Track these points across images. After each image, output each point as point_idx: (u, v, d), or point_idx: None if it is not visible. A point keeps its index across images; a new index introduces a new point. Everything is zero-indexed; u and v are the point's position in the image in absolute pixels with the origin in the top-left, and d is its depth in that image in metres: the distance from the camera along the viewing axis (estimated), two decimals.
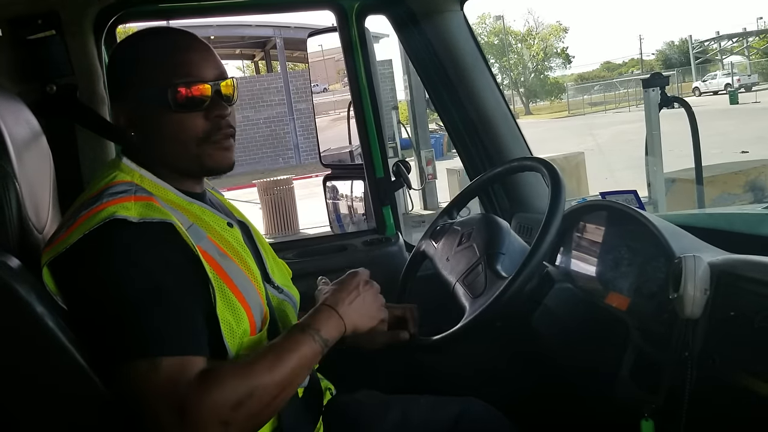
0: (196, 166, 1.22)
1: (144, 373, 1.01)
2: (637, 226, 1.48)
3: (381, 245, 2.15)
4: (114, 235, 1.05)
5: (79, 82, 1.76)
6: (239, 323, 1.14)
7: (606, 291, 1.53)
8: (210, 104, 1.18)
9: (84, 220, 1.07)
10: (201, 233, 1.16)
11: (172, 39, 1.21)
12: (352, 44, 2.06)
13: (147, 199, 1.12)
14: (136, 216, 1.07)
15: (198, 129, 1.18)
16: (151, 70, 1.17)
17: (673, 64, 43.41)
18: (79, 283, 1.07)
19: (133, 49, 1.23)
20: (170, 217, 1.10)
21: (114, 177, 1.17)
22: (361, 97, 2.09)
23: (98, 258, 1.05)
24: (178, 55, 1.18)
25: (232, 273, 1.16)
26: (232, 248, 1.21)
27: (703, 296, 1.22)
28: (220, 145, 1.20)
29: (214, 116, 1.19)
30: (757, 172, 6.35)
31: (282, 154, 21.80)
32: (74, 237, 1.06)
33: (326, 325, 1.19)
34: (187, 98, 1.16)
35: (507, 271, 1.47)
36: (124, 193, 1.12)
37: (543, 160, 1.59)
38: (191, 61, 1.18)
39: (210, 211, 1.24)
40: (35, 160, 1.30)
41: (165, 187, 1.20)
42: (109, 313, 1.04)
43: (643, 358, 1.38)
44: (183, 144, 1.19)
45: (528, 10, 72.47)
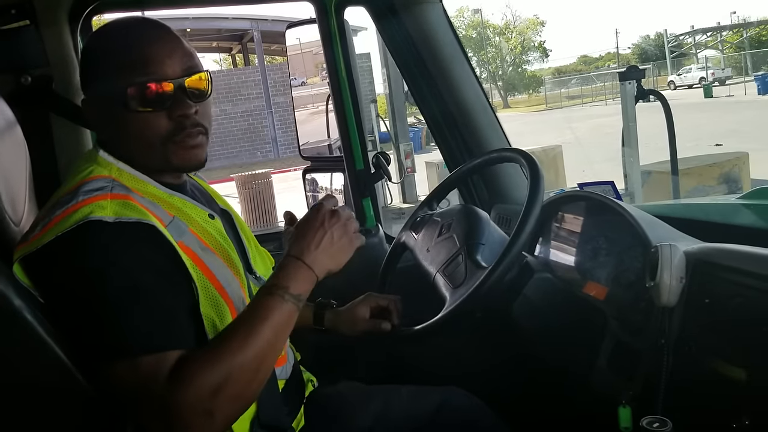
0: (163, 164, 1.17)
1: (123, 374, 1.00)
2: (614, 217, 1.50)
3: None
4: (89, 236, 1.02)
5: (54, 72, 1.73)
6: (222, 319, 1.13)
7: (584, 280, 1.55)
8: (173, 103, 1.13)
9: (59, 220, 1.04)
10: (182, 227, 1.14)
11: (138, 32, 1.15)
12: (332, 36, 2.05)
13: (124, 197, 1.09)
14: (111, 215, 1.04)
15: (161, 128, 1.13)
16: (113, 65, 1.13)
17: (649, 57, 43.83)
18: (54, 282, 1.05)
19: (100, 42, 1.19)
20: (148, 217, 1.07)
21: (90, 171, 1.14)
22: (341, 90, 2.09)
23: (73, 258, 1.03)
24: (141, 50, 1.13)
25: (214, 267, 1.15)
26: (214, 241, 1.19)
27: (679, 284, 1.24)
28: (185, 144, 1.15)
29: (178, 115, 1.13)
30: (731, 165, 6.46)
31: (260, 147, 21.69)
32: (48, 237, 1.03)
33: (294, 279, 1.10)
34: (147, 97, 1.11)
35: (487, 261, 1.48)
36: (100, 190, 1.08)
37: (522, 151, 1.60)
38: (154, 56, 1.13)
39: (191, 203, 1.22)
40: (10, 152, 1.29)
41: (144, 180, 1.17)
42: (86, 313, 1.02)
43: (621, 346, 1.40)
44: (147, 143, 1.14)
45: (506, 3, 72.63)
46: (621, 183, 3.73)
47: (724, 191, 6.10)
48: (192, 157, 1.17)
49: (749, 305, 1.14)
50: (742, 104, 21.65)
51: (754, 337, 1.11)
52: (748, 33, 39.83)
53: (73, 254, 1.03)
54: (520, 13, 66.07)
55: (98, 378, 1.03)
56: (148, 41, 1.14)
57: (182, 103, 1.13)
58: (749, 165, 6.59)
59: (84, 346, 1.03)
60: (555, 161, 9.69)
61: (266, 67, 22.48)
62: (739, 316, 1.15)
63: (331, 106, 2.54)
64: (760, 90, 23.93)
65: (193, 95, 1.15)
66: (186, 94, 1.14)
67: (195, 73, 1.16)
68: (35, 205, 1.40)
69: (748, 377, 1.10)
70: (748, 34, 39.66)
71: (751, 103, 21.59)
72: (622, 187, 3.63)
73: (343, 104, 2.09)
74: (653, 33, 54.00)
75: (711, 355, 1.18)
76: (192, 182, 1.33)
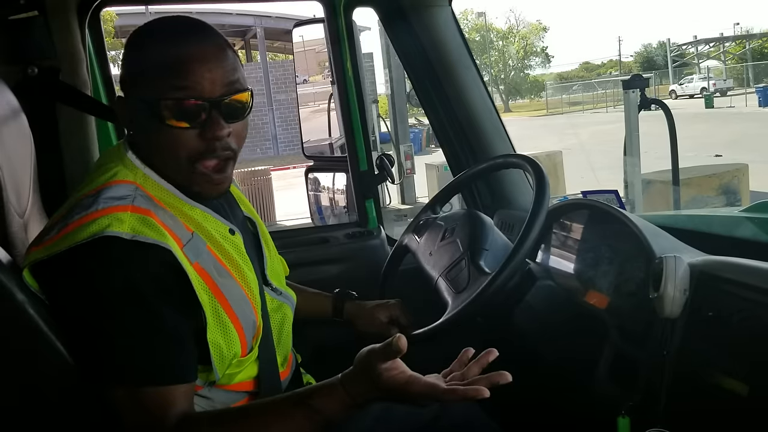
0: (185, 185, 1.13)
1: (123, 401, 1.02)
2: (618, 226, 1.50)
3: (363, 238, 2.15)
4: (104, 253, 1.00)
5: (61, 64, 1.73)
6: (230, 346, 1.12)
7: (585, 289, 1.55)
8: (206, 122, 1.07)
9: (76, 227, 1.02)
10: (200, 246, 1.11)
11: (184, 39, 1.08)
12: (339, 36, 2.05)
13: (145, 213, 1.05)
14: (129, 232, 1.01)
15: (190, 147, 1.08)
16: (151, 73, 1.07)
17: (651, 66, 43.88)
18: (63, 293, 1.04)
19: (142, 44, 1.13)
20: (165, 238, 1.04)
21: (115, 174, 1.11)
22: (347, 90, 2.08)
23: (84, 274, 1.01)
24: (183, 61, 1.06)
25: (228, 290, 1.13)
26: (231, 260, 1.16)
27: (683, 296, 1.24)
28: (209, 176, 1.11)
29: (209, 137, 1.08)
30: (731, 176, 6.46)
31: (260, 144, 21.67)
32: (62, 245, 1.01)
33: (333, 406, 1.06)
34: (179, 113, 1.06)
35: (490, 267, 1.48)
36: (122, 200, 1.05)
37: (528, 158, 1.60)
38: (196, 70, 1.06)
39: (213, 217, 1.18)
40: (16, 143, 1.28)
41: (168, 189, 1.13)
42: (91, 332, 1.02)
43: (621, 355, 1.40)
44: (174, 159, 1.10)
45: (510, 8, 72.62)
46: (621, 191, 3.73)
47: (722, 202, 6.11)
48: (214, 189, 1.14)
49: (753, 319, 1.14)
50: (742, 116, 21.70)
51: (757, 351, 1.11)
52: (751, 45, 39.91)
53: (85, 269, 1.01)
54: (523, 17, 66.07)
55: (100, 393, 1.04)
56: (194, 51, 1.07)
57: (216, 124, 1.08)
58: (749, 177, 6.60)
59: (87, 363, 1.04)
60: (555, 167, 9.70)
61: (268, 64, 22.47)
62: (742, 331, 1.15)
63: (333, 105, 2.55)
64: (761, 102, 23.98)
65: (229, 115, 1.10)
66: (222, 115, 1.09)
67: (235, 93, 1.11)
68: (39, 197, 1.40)
69: (749, 392, 1.10)
70: (751, 46, 39.74)
71: (752, 114, 21.64)
72: (623, 195, 3.63)
73: (349, 105, 2.09)
74: (656, 42, 54.12)
75: (712, 368, 1.18)
76: None
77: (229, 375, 1.15)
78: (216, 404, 1.17)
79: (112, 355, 1.01)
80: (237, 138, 1.13)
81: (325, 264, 2.10)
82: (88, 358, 1.03)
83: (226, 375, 1.14)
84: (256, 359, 1.20)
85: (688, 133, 10.85)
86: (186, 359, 1.06)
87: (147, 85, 1.08)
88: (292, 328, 1.40)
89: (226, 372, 1.14)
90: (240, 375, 1.18)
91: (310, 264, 2.05)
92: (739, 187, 6.39)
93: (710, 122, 18.88)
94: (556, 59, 66.57)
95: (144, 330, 1.01)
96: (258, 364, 1.21)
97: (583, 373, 1.45)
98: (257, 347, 1.19)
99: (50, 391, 1.07)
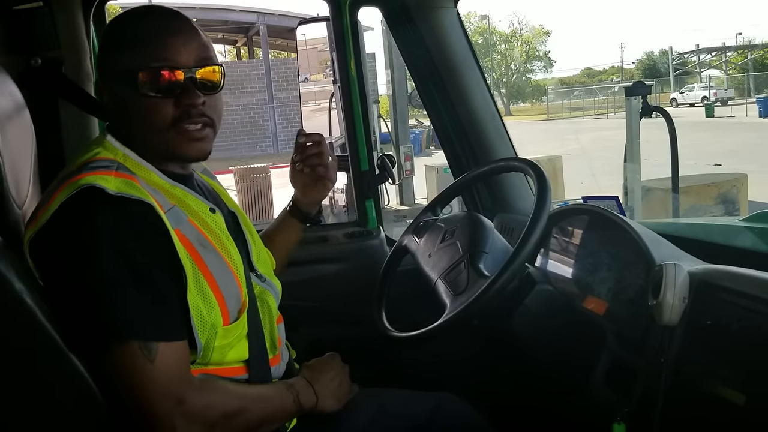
0: (166, 152, 1.18)
1: (135, 357, 1.02)
2: (618, 232, 1.50)
3: (362, 238, 2.15)
4: (91, 204, 1.04)
5: (65, 56, 1.73)
6: (210, 312, 1.13)
7: (584, 294, 1.55)
8: (182, 91, 1.14)
9: (62, 190, 1.06)
10: (182, 216, 1.14)
11: (156, 19, 1.17)
12: (344, 35, 2.04)
13: (128, 177, 1.10)
14: (114, 189, 1.05)
15: (167, 115, 1.14)
16: (129, 51, 1.14)
17: (653, 74, 43.93)
18: (57, 259, 1.05)
19: (118, 28, 1.20)
20: (149, 198, 1.08)
21: (96, 153, 1.15)
22: (350, 90, 2.08)
23: (75, 230, 1.04)
24: (157, 37, 1.14)
25: (210, 261, 1.15)
26: (214, 234, 1.19)
27: (682, 304, 1.24)
28: (189, 135, 1.16)
29: (185, 104, 1.14)
30: (729, 185, 6.47)
31: (260, 141, 21.66)
32: (52, 208, 1.05)
33: (304, 393, 1.28)
34: (157, 84, 1.13)
35: (489, 270, 1.47)
36: (106, 168, 1.10)
37: (530, 162, 1.60)
38: (170, 44, 1.14)
39: (193, 196, 1.21)
40: (17, 133, 1.28)
41: (148, 168, 1.17)
42: (81, 290, 1.03)
43: (618, 362, 1.40)
44: (152, 129, 1.15)
45: (513, 11, 72.58)
46: (621, 197, 3.73)
47: (721, 212, 6.11)
48: (194, 148, 1.18)
49: (751, 329, 1.14)
50: (743, 125, 21.72)
51: (755, 360, 1.12)
52: (753, 55, 39.98)
53: (74, 222, 1.04)
54: (527, 21, 66.06)
55: (101, 363, 1.04)
56: (166, 28, 1.15)
57: (191, 93, 1.14)
58: (747, 187, 6.61)
59: (88, 329, 1.04)
60: (555, 172, 9.71)
61: (270, 61, 22.46)
62: (740, 340, 1.15)
63: (334, 104, 2.55)
64: (762, 112, 23.98)
65: (203, 86, 1.16)
66: (196, 85, 1.15)
67: (208, 65, 1.17)
68: (39, 188, 1.39)
69: (746, 401, 1.10)
70: (753, 56, 39.81)
71: (752, 125, 21.66)
72: (623, 202, 3.63)
73: (352, 104, 2.09)
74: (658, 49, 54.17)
75: (710, 376, 1.18)
76: (200, 179, 1.33)
77: (219, 349, 1.16)
78: None
79: (102, 311, 1.03)
80: (212, 109, 1.19)
81: (323, 263, 2.09)
82: (90, 322, 1.04)
83: (216, 349, 1.15)
84: (245, 337, 1.22)
85: (688, 142, 10.89)
86: (171, 318, 1.08)
87: (123, 60, 1.14)
88: (289, 324, 1.41)
89: (213, 344, 1.14)
90: (230, 354, 1.19)
91: (308, 262, 2.05)
92: (738, 197, 6.40)
93: (710, 131, 18.90)
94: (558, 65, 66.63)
95: (131, 284, 1.03)
96: (248, 345, 1.22)
97: (580, 378, 1.45)
98: (246, 322, 1.21)
99: (47, 381, 1.06)
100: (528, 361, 1.63)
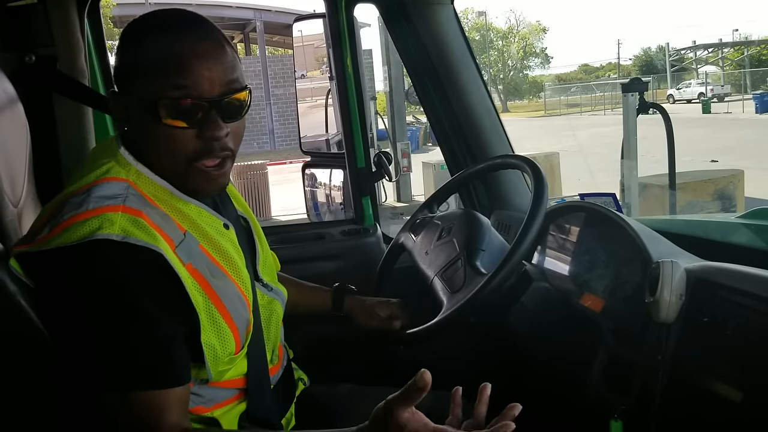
0: (182, 183, 1.12)
1: (114, 406, 1.00)
2: (615, 229, 1.50)
3: (359, 235, 2.14)
4: (94, 255, 0.99)
5: (59, 53, 1.72)
6: (225, 346, 1.11)
7: (581, 292, 1.55)
8: (204, 121, 1.06)
9: (66, 226, 1.00)
10: (193, 247, 1.09)
11: (180, 37, 1.06)
12: (340, 32, 2.03)
13: (136, 214, 1.03)
14: (119, 234, 1.00)
15: (188, 147, 1.07)
16: (148, 70, 1.06)
17: (650, 70, 43.94)
18: (53, 293, 1.03)
19: (138, 38, 1.10)
20: (157, 241, 1.03)
21: (108, 170, 1.08)
22: (347, 86, 2.07)
23: (75, 276, 1.00)
24: (180, 60, 1.04)
25: (221, 291, 1.12)
26: (225, 255, 1.15)
27: (679, 301, 1.24)
28: (208, 174, 1.09)
29: (207, 136, 1.07)
30: (726, 182, 6.49)
31: (257, 138, 21.64)
32: (53, 243, 1.00)
33: None
34: (177, 112, 1.04)
35: (486, 267, 1.47)
36: (114, 199, 1.04)
37: (527, 159, 1.60)
38: (193, 69, 1.04)
39: (207, 212, 1.16)
40: (11, 130, 1.27)
41: (162, 185, 1.11)
42: (81, 337, 1.01)
43: (615, 359, 1.40)
44: (172, 158, 1.08)
45: (510, 8, 72.46)
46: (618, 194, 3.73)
47: (718, 208, 6.13)
48: (212, 185, 1.12)
49: (748, 326, 1.14)
50: (739, 122, 21.78)
51: (752, 357, 1.11)
52: (749, 51, 39.99)
53: (76, 271, 1.00)
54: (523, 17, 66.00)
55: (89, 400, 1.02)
56: (192, 48, 1.05)
57: (215, 124, 1.06)
58: (744, 183, 6.63)
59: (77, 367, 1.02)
60: (552, 169, 9.72)
61: (267, 58, 22.43)
62: (737, 337, 1.15)
63: (331, 100, 2.53)
64: (758, 108, 24.03)
65: (228, 114, 1.09)
66: (220, 114, 1.07)
67: (234, 92, 1.09)
68: (34, 186, 1.39)
69: (743, 398, 1.10)
70: (749, 53, 39.82)
71: (749, 121, 21.73)
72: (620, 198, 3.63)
73: (348, 101, 2.08)
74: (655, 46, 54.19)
75: (707, 373, 1.18)
76: None
77: (220, 372, 1.14)
78: (206, 402, 1.16)
79: (102, 359, 1.00)
80: (235, 137, 1.12)
81: (320, 260, 2.09)
82: (78, 362, 1.02)
83: (218, 372, 1.13)
84: (245, 356, 1.19)
85: (684, 138, 10.91)
86: (179, 362, 1.04)
87: (143, 82, 1.06)
88: (286, 322, 1.40)
89: (218, 370, 1.13)
90: (230, 372, 1.17)
91: (305, 260, 2.04)
92: (735, 193, 6.42)
93: (707, 127, 18.93)
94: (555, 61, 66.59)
95: (134, 333, 1.00)
96: (247, 361, 1.20)
97: (577, 375, 1.45)
98: (249, 343, 1.19)
99: (40, 383, 1.06)
100: (525, 358, 1.63)
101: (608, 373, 1.40)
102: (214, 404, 1.17)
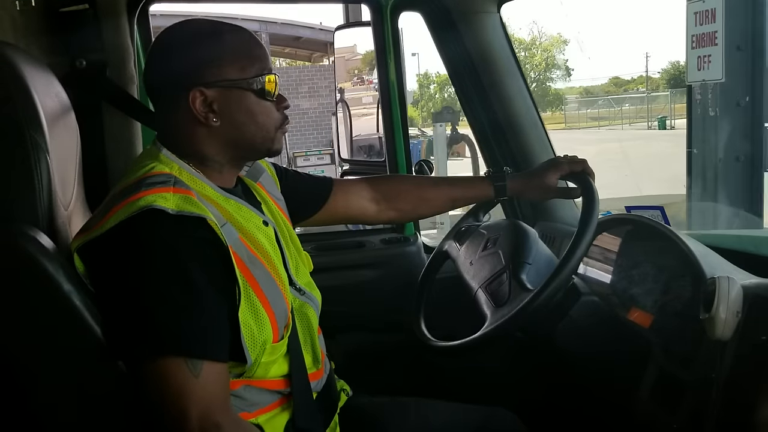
0: (266, 149, 1.24)
1: (180, 371, 1.00)
2: (663, 243, 1.47)
3: (399, 244, 2.13)
4: (151, 225, 1.03)
5: (109, 59, 1.73)
6: (261, 330, 1.12)
7: (628, 306, 1.52)
8: (278, 95, 1.23)
9: (121, 208, 1.05)
10: (233, 234, 1.13)
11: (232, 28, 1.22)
12: (385, 41, 2.03)
13: (185, 192, 1.09)
14: (174, 208, 1.05)
15: (275, 117, 1.23)
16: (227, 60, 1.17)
17: (678, 83, 43.44)
18: (112, 271, 1.05)
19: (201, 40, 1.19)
20: (207, 213, 1.08)
21: (152, 167, 1.14)
22: (390, 95, 2.06)
23: (132, 244, 1.03)
24: (248, 47, 1.21)
25: (260, 278, 1.14)
26: (263, 250, 1.18)
27: (735, 318, 1.21)
28: (284, 132, 1.26)
29: (282, 106, 1.24)
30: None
31: None
32: (109, 224, 1.04)
33: None
34: (267, 89, 1.20)
35: (532, 282, 1.43)
36: (163, 183, 1.09)
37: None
38: (264, 56, 1.22)
39: (246, 208, 1.22)
40: (64, 135, 1.28)
41: (203, 181, 1.17)
42: (133, 302, 1.03)
43: (664, 377, 1.37)
44: (265, 129, 1.22)
45: (533, 20, 72.07)
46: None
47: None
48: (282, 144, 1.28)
49: None
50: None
51: None
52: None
53: (133, 240, 1.03)
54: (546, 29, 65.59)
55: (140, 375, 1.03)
56: (247, 35, 1.22)
57: (282, 97, 1.24)
58: None
59: (131, 339, 1.03)
60: None
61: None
62: None
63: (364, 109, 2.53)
64: None
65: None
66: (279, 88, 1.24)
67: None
68: (83, 190, 1.40)
69: None
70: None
71: None
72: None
73: (391, 111, 2.07)
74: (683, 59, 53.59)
75: (761, 394, 1.15)
76: (243, 185, 1.32)
77: (264, 365, 1.14)
78: (249, 406, 1.16)
79: (151, 324, 1.02)
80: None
81: (360, 269, 2.08)
82: (123, 333, 1.04)
83: (261, 365, 1.13)
84: (285, 354, 1.20)
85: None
86: (220, 335, 1.06)
87: (228, 71, 1.17)
88: (326, 332, 1.39)
89: (260, 360, 1.13)
90: (273, 369, 1.17)
91: (345, 268, 2.04)
92: None
93: None
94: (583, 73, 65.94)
95: (185, 302, 1.02)
96: (288, 361, 1.21)
97: (626, 392, 1.42)
98: (288, 339, 1.20)
99: (91, 385, 1.07)
100: (572, 373, 1.60)
101: (657, 391, 1.37)
102: (257, 409, 1.17)
